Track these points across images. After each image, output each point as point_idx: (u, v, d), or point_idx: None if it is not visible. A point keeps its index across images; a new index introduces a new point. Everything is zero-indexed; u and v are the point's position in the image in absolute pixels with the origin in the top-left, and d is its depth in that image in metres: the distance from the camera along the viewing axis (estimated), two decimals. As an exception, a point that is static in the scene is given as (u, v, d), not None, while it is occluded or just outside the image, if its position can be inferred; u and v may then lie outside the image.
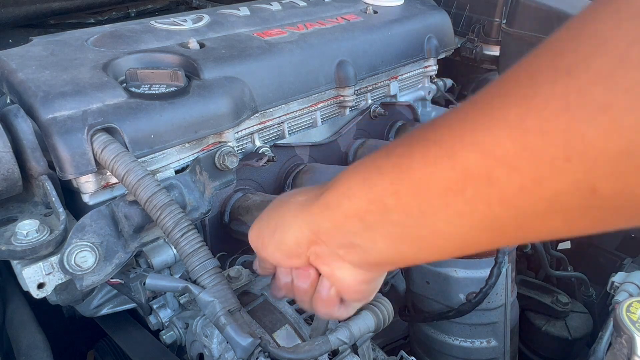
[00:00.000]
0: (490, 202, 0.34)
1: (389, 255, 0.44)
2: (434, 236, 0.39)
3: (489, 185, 0.33)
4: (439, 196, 0.36)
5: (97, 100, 0.68)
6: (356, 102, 1.06)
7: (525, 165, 0.31)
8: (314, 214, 0.48)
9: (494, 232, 0.36)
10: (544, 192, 0.31)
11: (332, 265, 0.48)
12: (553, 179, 0.30)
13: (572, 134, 0.29)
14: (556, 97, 0.29)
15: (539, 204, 0.32)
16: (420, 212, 0.38)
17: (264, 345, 0.59)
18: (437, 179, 0.36)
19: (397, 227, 0.41)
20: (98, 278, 0.65)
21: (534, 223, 0.34)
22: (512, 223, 0.34)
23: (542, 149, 0.30)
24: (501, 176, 0.32)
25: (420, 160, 0.37)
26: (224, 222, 0.88)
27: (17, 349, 0.73)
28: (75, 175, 0.66)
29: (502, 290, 0.96)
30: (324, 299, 0.53)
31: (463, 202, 0.35)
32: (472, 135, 0.34)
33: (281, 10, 1.05)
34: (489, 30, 1.33)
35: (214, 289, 0.61)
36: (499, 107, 0.33)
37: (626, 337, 0.62)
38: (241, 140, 0.88)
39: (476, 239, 0.38)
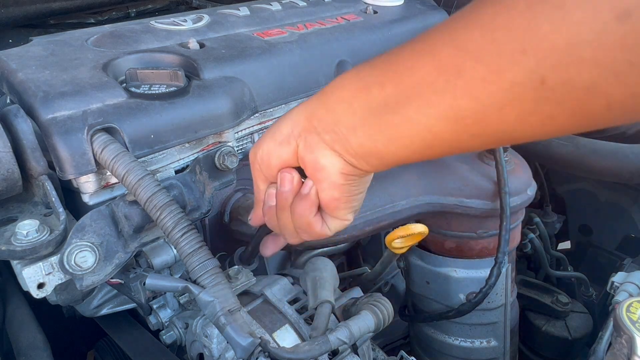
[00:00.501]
0: (455, 92, 0.38)
1: (364, 144, 0.47)
2: (404, 124, 0.43)
3: (457, 76, 0.38)
4: (415, 86, 0.41)
5: (97, 100, 0.68)
6: (356, 102, 1.06)
7: (489, 57, 0.35)
8: (311, 102, 0.52)
9: (456, 124, 0.40)
10: (501, 82, 0.35)
11: (317, 153, 0.51)
12: (510, 70, 0.34)
13: (530, 28, 0.33)
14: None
15: (496, 95, 0.36)
16: (396, 100, 0.43)
17: (264, 345, 0.59)
18: (417, 71, 0.41)
19: (375, 114, 0.45)
20: (98, 278, 0.65)
21: (492, 116, 0.38)
22: (472, 115, 0.39)
23: (505, 42, 0.34)
24: (468, 68, 0.37)
25: (406, 54, 0.43)
26: (224, 222, 0.88)
27: (17, 349, 0.73)
28: (75, 175, 0.65)
29: (502, 290, 0.96)
30: (303, 199, 0.54)
31: (433, 92, 0.40)
32: (451, 34, 0.39)
33: (281, 10, 1.05)
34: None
35: (214, 289, 0.61)
36: (477, 10, 0.37)
37: (626, 337, 0.62)
38: (241, 140, 0.88)
39: (441, 132, 0.41)
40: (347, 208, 0.55)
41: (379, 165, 0.50)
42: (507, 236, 0.89)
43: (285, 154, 0.54)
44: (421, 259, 1.00)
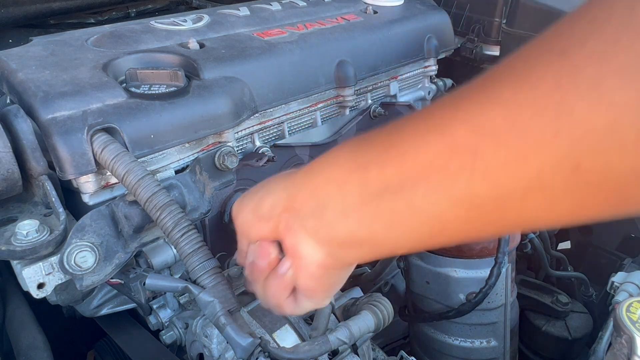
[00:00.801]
0: (472, 177, 0.34)
1: (356, 232, 0.42)
2: (408, 211, 0.38)
3: (473, 159, 0.34)
4: (422, 169, 0.37)
5: (97, 100, 0.68)
6: (356, 102, 1.06)
7: (512, 140, 0.31)
8: (295, 180, 0.48)
9: (472, 211, 0.35)
10: (528, 168, 0.31)
11: (298, 238, 0.46)
12: (539, 154, 0.31)
13: (562, 109, 0.29)
14: (550, 75, 0.30)
15: (521, 181, 0.32)
16: (399, 183, 0.38)
17: (263, 345, 0.59)
18: (423, 152, 0.36)
19: (373, 199, 0.40)
20: (98, 278, 0.65)
21: (514, 203, 0.34)
22: (491, 202, 0.34)
23: (531, 124, 0.31)
24: (487, 151, 0.33)
25: (409, 133, 0.38)
26: (224, 222, 0.88)
27: (17, 349, 0.73)
28: (75, 176, 0.66)
29: (502, 290, 0.96)
30: (278, 279, 0.51)
31: (445, 176, 0.35)
32: (464, 112, 0.34)
33: (281, 10, 1.05)
34: (489, 30, 1.33)
35: (213, 289, 0.61)
36: (492, 86, 0.34)
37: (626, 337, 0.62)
38: (241, 140, 0.88)
39: (453, 219, 0.37)
40: (324, 296, 0.52)
41: (369, 255, 0.45)
42: (507, 236, 0.89)
43: (265, 230, 0.50)
44: (421, 259, 1.00)
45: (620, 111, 0.28)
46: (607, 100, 0.28)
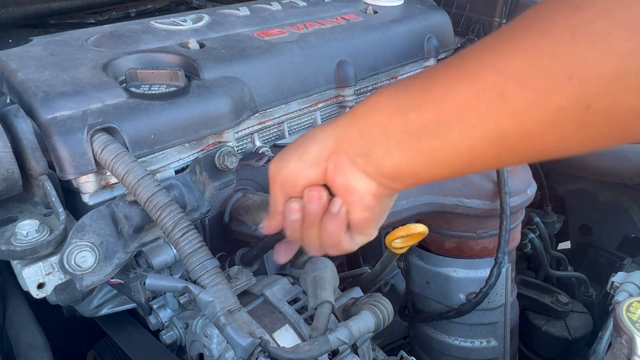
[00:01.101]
0: (499, 116, 0.39)
1: (401, 167, 0.48)
2: (445, 147, 0.44)
3: (500, 100, 0.39)
4: (455, 110, 0.42)
5: (97, 100, 0.68)
6: (356, 102, 1.06)
7: (534, 83, 0.37)
8: (340, 125, 0.52)
9: (499, 146, 0.41)
10: (547, 106, 0.37)
11: (348, 175, 0.51)
12: (556, 94, 0.36)
13: (575, 57, 0.34)
14: (565, 27, 0.35)
15: (542, 118, 0.37)
16: (436, 124, 0.43)
17: (263, 345, 0.59)
18: (456, 95, 0.42)
19: (413, 138, 0.46)
20: (98, 278, 0.65)
21: (535, 138, 0.39)
22: (515, 137, 0.40)
23: (550, 69, 0.36)
24: (512, 92, 0.38)
25: (443, 79, 0.43)
26: (224, 222, 0.88)
27: (17, 349, 0.73)
28: (76, 176, 0.65)
29: (502, 290, 0.96)
30: (333, 218, 0.55)
31: (476, 116, 0.41)
32: (492, 58, 0.39)
33: (281, 10, 1.05)
34: (489, 30, 1.33)
35: (213, 289, 0.61)
36: (517, 36, 0.39)
37: (626, 337, 0.62)
38: (241, 140, 0.88)
39: (482, 152, 0.43)
40: (375, 225, 0.57)
41: (413, 184, 0.50)
42: (507, 236, 0.89)
43: (314, 175, 0.54)
44: (421, 259, 1.00)
45: (625, 59, 0.33)
46: (613, 50, 0.33)
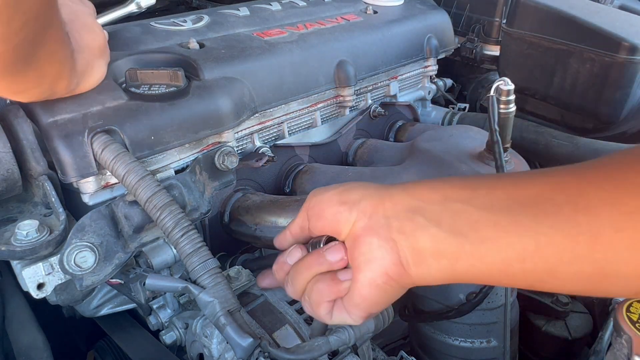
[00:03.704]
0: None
1: (444, 242, 0.42)
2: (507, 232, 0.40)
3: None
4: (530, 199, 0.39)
5: (97, 102, 0.68)
6: (356, 102, 1.06)
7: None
8: (390, 185, 0.48)
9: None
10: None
11: (373, 241, 0.45)
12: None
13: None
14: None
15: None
16: (506, 205, 0.40)
17: (263, 345, 0.59)
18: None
19: (475, 214, 0.41)
20: (98, 278, 0.65)
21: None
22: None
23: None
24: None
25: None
26: (224, 222, 0.88)
27: (17, 349, 0.73)
28: (77, 179, 0.66)
29: (502, 290, 0.96)
30: (334, 281, 0.49)
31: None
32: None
33: (281, 10, 1.05)
34: (489, 30, 1.33)
35: (213, 289, 0.61)
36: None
37: (626, 337, 0.61)
38: (241, 140, 0.88)
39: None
40: (364, 314, 0.50)
41: (440, 271, 0.44)
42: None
43: (342, 215, 0.48)
44: (421, 259, 1.00)
45: None
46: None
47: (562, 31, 1.08)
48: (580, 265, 0.37)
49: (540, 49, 1.12)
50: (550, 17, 1.10)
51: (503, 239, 0.39)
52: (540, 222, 0.38)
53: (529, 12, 1.15)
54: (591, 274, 0.37)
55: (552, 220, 0.38)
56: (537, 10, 1.13)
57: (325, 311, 0.51)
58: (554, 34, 1.09)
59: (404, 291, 0.49)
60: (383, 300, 0.48)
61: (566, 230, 0.37)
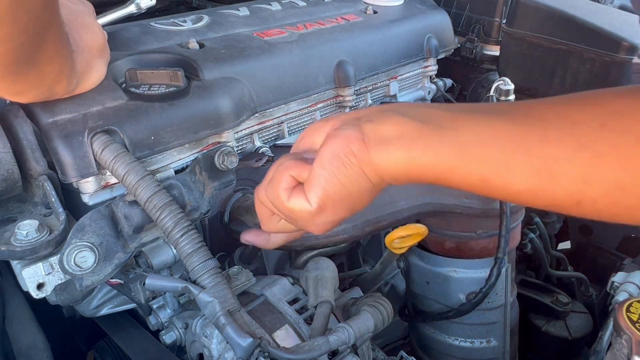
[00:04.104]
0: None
1: (405, 134, 0.44)
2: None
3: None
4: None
5: (97, 103, 0.68)
6: (356, 102, 1.06)
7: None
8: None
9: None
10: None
11: (342, 126, 0.47)
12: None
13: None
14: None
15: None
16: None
17: (263, 345, 0.59)
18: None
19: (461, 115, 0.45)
20: (98, 278, 0.65)
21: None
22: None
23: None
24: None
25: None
26: (224, 222, 0.88)
27: (17, 349, 0.73)
28: (77, 179, 0.66)
29: (502, 290, 0.96)
30: (297, 159, 0.50)
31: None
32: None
33: (281, 10, 1.05)
34: (489, 30, 1.33)
35: (213, 289, 0.61)
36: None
37: (626, 337, 0.62)
38: (241, 140, 0.88)
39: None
40: (322, 189, 0.47)
41: (402, 153, 0.44)
42: (507, 236, 0.89)
43: (319, 126, 0.52)
44: (421, 259, 1.00)
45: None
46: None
47: (562, 31, 1.08)
48: (530, 159, 0.40)
49: (540, 49, 1.12)
50: (550, 17, 1.10)
51: (461, 126, 0.43)
52: (494, 119, 0.43)
53: (529, 12, 1.15)
54: (538, 170, 0.40)
55: (505, 118, 0.43)
56: (537, 10, 1.13)
57: (284, 185, 0.50)
58: (554, 34, 1.09)
59: (364, 182, 0.47)
60: (341, 179, 0.47)
61: (517, 127, 0.42)
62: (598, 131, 0.39)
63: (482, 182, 0.43)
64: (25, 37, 0.45)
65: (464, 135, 0.43)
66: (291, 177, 0.50)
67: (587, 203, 0.40)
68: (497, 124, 0.42)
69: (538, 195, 0.42)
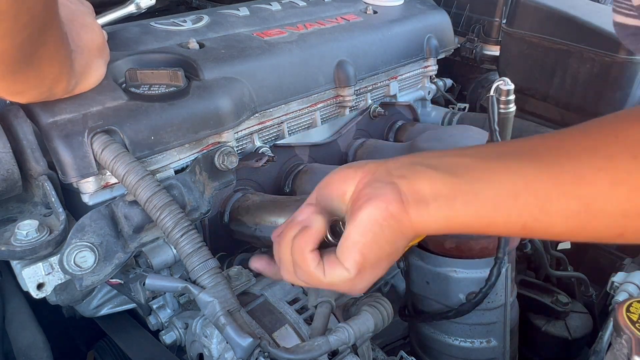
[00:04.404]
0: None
1: (441, 192, 0.44)
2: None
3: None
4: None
5: (97, 103, 0.68)
6: (356, 102, 1.06)
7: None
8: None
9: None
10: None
11: (376, 185, 0.47)
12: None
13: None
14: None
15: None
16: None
17: (263, 345, 0.59)
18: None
19: (491, 160, 0.45)
20: (98, 278, 0.65)
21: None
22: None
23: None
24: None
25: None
26: (224, 222, 0.88)
27: (17, 349, 0.73)
28: (78, 179, 0.66)
29: (502, 290, 0.96)
30: (304, 229, 0.50)
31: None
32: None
33: (281, 10, 1.05)
34: (489, 30, 1.33)
35: (213, 289, 0.61)
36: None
37: (626, 337, 0.61)
38: (241, 140, 0.88)
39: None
40: (360, 255, 0.47)
41: (441, 212, 0.45)
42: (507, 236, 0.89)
43: (348, 176, 0.51)
44: (421, 259, 1.00)
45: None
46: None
47: (562, 31, 1.08)
48: (567, 201, 0.41)
49: (540, 49, 1.12)
50: (550, 17, 1.10)
51: (495, 177, 0.43)
52: (526, 165, 0.43)
53: (529, 12, 1.15)
54: (578, 211, 0.41)
55: (537, 163, 0.43)
56: (537, 10, 1.13)
57: (314, 264, 0.49)
58: (554, 34, 1.09)
59: (401, 241, 0.48)
60: (380, 243, 0.47)
61: (550, 170, 0.42)
62: (632, 164, 0.39)
63: (523, 229, 0.43)
64: (26, 36, 0.45)
65: (500, 188, 0.43)
66: (312, 252, 0.50)
67: (629, 234, 0.41)
68: (530, 170, 0.42)
69: (581, 234, 0.42)
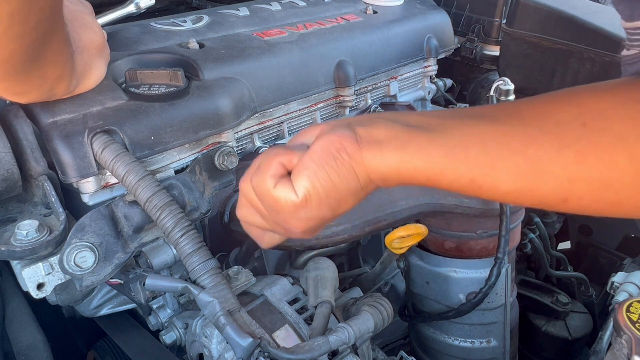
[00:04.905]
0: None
1: (398, 137, 0.45)
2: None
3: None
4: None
5: (97, 103, 0.68)
6: (356, 102, 1.06)
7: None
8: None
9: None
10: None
11: (333, 128, 0.47)
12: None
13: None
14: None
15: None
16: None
17: (263, 345, 0.59)
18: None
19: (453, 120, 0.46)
20: (97, 278, 0.65)
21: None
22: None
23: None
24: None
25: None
26: (224, 222, 0.88)
27: (17, 349, 0.73)
28: (78, 179, 0.66)
29: (502, 290, 0.96)
30: (284, 150, 0.48)
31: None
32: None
33: (281, 10, 1.05)
34: (489, 30, 1.33)
35: (213, 289, 0.61)
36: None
37: (626, 337, 0.62)
38: (241, 140, 0.88)
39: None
40: (309, 181, 0.46)
41: (394, 155, 0.44)
42: (507, 236, 0.89)
43: (310, 130, 0.50)
44: (421, 259, 1.00)
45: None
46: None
47: (562, 31, 1.08)
48: (515, 159, 0.42)
49: (540, 49, 1.12)
50: (550, 17, 1.10)
51: (449, 131, 0.44)
52: (481, 123, 0.44)
53: (529, 12, 1.15)
54: (525, 170, 0.42)
55: (491, 122, 0.44)
56: (537, 10, 1.13)
57: (272, 172, 0.48)
58: (554, 34, 1.09)
59: (353, 182, 0.46)
60: (331, 175, 0.46)
61: (503, 129, 0.43)
62: (580, 130, 0.41)
63: (471, 183, 0.43)
64: (34, 38, 0.45)
65: (453, 139, 0.44)
66: (280, 164, 0.48)
67: (573, 200, 0.41)
68: (483, 126, 0.44)
69: (526, 195, 0.43)
